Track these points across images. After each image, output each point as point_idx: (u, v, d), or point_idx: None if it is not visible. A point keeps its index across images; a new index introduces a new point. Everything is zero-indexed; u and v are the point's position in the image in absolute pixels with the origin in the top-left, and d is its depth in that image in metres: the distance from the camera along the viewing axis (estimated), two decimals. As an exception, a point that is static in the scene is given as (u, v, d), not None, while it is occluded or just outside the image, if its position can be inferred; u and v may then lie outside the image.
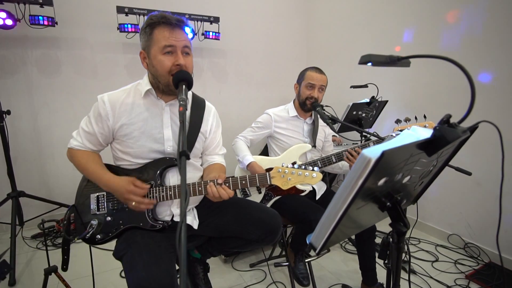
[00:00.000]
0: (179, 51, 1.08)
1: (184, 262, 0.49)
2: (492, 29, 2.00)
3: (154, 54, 1.08)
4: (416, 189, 0.87)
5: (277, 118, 1.81)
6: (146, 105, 1.17)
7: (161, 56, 1.07)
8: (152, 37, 1.08)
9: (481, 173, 2.12)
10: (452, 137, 0.58)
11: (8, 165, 2.35)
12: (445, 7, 2.24)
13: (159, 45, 1.06)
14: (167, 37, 1.05)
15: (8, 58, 2.49)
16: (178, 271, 1.10)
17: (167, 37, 1.05)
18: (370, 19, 2.89)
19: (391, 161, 0.58)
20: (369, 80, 2.52)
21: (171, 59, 1.07)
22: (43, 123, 2.70)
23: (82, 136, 1.20)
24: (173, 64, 1.07)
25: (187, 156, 0.69)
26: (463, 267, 2.07)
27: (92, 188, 1.20)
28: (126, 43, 2.83)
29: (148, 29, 1.08)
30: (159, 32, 1.06)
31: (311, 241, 0.70)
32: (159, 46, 1.06)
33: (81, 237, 1.14)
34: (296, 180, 1.12)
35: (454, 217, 2.37)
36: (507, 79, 1.95)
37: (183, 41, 1.08)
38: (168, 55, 1.07)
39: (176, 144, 1.19)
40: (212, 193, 1.08)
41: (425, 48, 2.41)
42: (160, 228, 1.15)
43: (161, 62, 1.07)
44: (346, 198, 0.59)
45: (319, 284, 1.85)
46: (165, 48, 1.06)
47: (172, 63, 1.07)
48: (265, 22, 3.50)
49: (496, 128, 0.68)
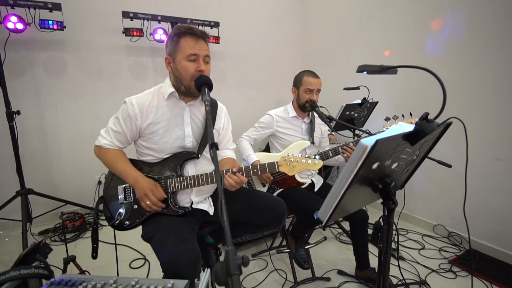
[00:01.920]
0: (201, 60, 1.23)
1: (228, 229, 0.63)
2: (473, 36, 2.20)
3: (179, 60, 1.23)
4: (403, 175, 1.04)
5: (278, 119, 1.97)
6: (169, 106, 1.32)
7: (186, 62, 1.22)
8: (178, 45, 1.23)
9: (463, 168, 2.32)
10: (429, 130, 0.75)
11: (17, 163, 2.45)
12: (430, 16, 2.45)
13: (184, 53, 1.21)
14: (192, 47, 1.21)
15: (17, 60, 2.58)
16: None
17: (192, 46, 1.21)
18: (362, 25, 3.08)
19: (382, 149, 0.74)
20: (361, 82, 2.71)
21: (194, 65, 1.22)
22: (49, 123, 2.79)
23: (111, 135, 1.33)
24: (195, 70, 1.22)
25: (217, 147, 0.84)
26: (446, 253, 2.26)
27: (118, 181, 1.34)
28: (130, 46, 2.95)
29: (176, 38, 1.23)
30: (185, 41, 1.22)
31: (318, 216, 0.86)
32: (185, 53, 1.21)
33: (110, 224, 1.27)
34: (300, 167, 1.26)
35: (439, 209, 2.57)
36: (487, 83, 2.16)
37: (205, 51, 1.25)
38: (192, 62, 1.23)
39: (195, 140, 1.35)
40: (229, 183, 1.22)
41: (412, 52, 2.61)
42: (182, 213, 1.29)
43: (186, 68, 1.22)
44: (347, 178, 0.75)
45: (317, 270, 2.02)
46: (189, 56, 1.21)
47: (194, 69, 1.22)
48: (263, 26, 3.66)
49: (461, 122, 0.85)
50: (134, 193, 1.31)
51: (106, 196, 1.34)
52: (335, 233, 2.60)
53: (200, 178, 1.28)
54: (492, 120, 2.14)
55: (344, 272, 2.01)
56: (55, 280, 0.75)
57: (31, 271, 0.73)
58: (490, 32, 2.10)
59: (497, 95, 2.09)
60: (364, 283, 1.90)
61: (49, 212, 2.81)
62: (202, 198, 1.41)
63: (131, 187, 1.32)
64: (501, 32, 2.04)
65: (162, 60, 3.14)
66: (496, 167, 2.14)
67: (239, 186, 1.24)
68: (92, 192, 3.02)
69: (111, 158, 1.31)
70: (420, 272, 2.02)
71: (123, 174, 1.29)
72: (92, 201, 3.00)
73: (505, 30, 2.01)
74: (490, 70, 2.12)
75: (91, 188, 3.02)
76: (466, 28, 2.23)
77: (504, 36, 2.02)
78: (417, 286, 1.89)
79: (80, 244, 2.50)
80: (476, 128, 2.21)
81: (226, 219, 0.64)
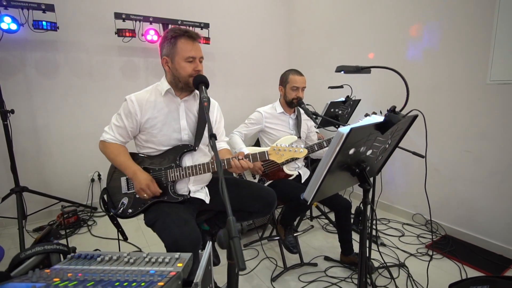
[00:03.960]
0: (198, 60, 1.38)
1: (229, 206, 0.76)
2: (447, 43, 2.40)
3: (178, 61, 1.36)
4: (378, 162, 1.18)
5: (267, 115, 2.10)
6: (166, 101, 1.44)
7: (184, 63, 1.36)
8: (176, 47, 1.35)
9: (438, 160, 2.52)
10: (395, 120, 0.89)
11: (11, 162, 2.48)
12: (409, 21, 2.63)
13: (183, 55, 1.35)
14: (189, 49, 1.34)
15: (9, 60, 2.61)
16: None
17: (189, 49, 1.34)
18: (345, 27, 3.25)
19: (356, 136, 0.88)
20: (344, 81, 2.87)
21: (192, 65, 1.36)
22: (41, 122, 2.82)
23: (114, 130, 1.43)
24: (193, 69, 1.36)
25: (215, 137, 0.96)
26: (424, 239, 2.45)
27: (120, 173, 1.45)
28: (121, 46, 3.01)
29: (173, 40, 1.35)
30: (182, 44, 1.34)
31: (304, 196, 0.99)
32: (183, 55, 1.35)
33: (114, 212, 1.37)
34: (287, 155, 1.39)
35: (417, 199, 2.76)
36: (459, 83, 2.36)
37: (200, 52, 1.39)
38: (190, 63, 1.36)
39: (190, 132, 1.48)
40: (235, 165, 1.34)
41: (394, 52, 2.79)
42: (181, 200, 1.41)
43: (184, 68, 1.36)
44: (328, 161, 0.88)
45: (305, 257, 2.16)
46: (188, 58, 1.35)
47: (192, 69, 1.36)
48: (250, 28, 3.79)
49: (422, 114, 1.00)
50: None
51: (109, 187, 1.45)
52: (322, 224, 2.76)
53: (197, 168, 1.40)
54: (461, 116, 2.34)
55: (330, 258, 2.16)
56: (74, 255, 0.85)
57: (53, 247, 0.83)
58: (462, 37, 2.30)
59: (467, 93, 2.29)
60: (349, 267, 2.05)
61: (42, 209, 2.85)
62: (199, 187, 1.53)
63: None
64: (469, 36, 2.24)
65: (153, 60, 3.21)
66: (466, 158, 2.35)
67: (243, 170, 1.37)
68: (85, 189, 3.06)
69: (113, 152, 1.40)
70: (400, 256, 2.19)
71: (123, 167, 1.39)
72: (85, 198, 3.05)
73: (472, 34, 2.21)
74: (462, 70, 2.32)
75: (84, 186, 3.06)
76: (443, 35, 2.41)
77: (472, 37, 2.22)
78: (397, 268, 2.06)
79: (75, 239, 2.56)
80: (447, 123, 2.41)
81: (226, 195, 0.77)
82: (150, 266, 0.80)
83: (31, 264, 0.78)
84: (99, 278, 0.67)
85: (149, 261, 0.82)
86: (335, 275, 1.99)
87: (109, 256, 0.84)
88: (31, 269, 0.73)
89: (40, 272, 0.71)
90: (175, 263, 0.81)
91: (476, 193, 2.32)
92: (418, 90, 2.58)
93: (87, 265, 0.79)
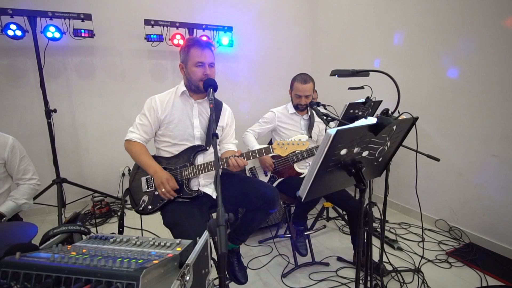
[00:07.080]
0: (207, 65, 1.51)
1: (220, 196, 0.84)
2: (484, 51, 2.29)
3: (190, 66, 1.52)
4: (379, 163, 1.20)
5: (280, 115, 2.17)
6: (182, 101, 1.62)
7: (195, 68, 1.51)
8: (188, 55, 1.51)
9: (463, 164, 2.41)
10: (386, 122, 0.91)
11: (53, 155, 2.78)
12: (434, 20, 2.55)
13: (193, 61, 1.50)
14: (199, 56, 1.49)
15: (53, 65, 2.92)
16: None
17: (199, 55, 1.49)
18: (368, 27, 3.20)
19: (346, 137, 0.92)
20: (365, 82, 2.83)
21: (201, 70, 1.51)
22: (80, 120, 3.12)
23: (139, 129, 1.60)
24: (202, 73, 1.50)
25: (217, 136, 1.06)
26: (445, 246, 2.36)
27: (141, 173, 1.62)
28: (151, 50, 3.23)
29: (187, 49, 1.52)
30: (194, 51, 1.50)
31: (299, 194, 1.05)
32: (194, 61, 1.50)
33: (136, 209, 1.56)
34: (290, 148, 1.47)
35: (440, 204, 2.66)
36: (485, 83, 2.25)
37: (210, 58, 1.53)
38: (199, 67, 1.50)
39: (202, 130, 1.62)
40: (232, 163, 1.46)
41: (417, 50, 2.71)
42: (194, 196, 1.55)
43: (195, 72, 1.51)
44: (318, 160, 0.93)
45: (318, 256, 2.19)
46: (197, 63, 1.50)
47: (202, 73, 1.50)
48: (273, 30, 3.86)
49: (412, 116, 1.00)
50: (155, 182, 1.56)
51: (132, 187, 1.63)
52: (339, 225, 2.75)
53: (208, 165, 1.54)
54: (487, 118, 2.22)
55: (343, 259, 2.17)
56: (92, 235, 0.99)
57: (75, 227, 0.97)
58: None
59: (490, 95, 2.18)
60: (361, 269, 2.04)
61: (79, 199, 3.14)
62: (208, 182, 1.67)
63: (151, 177, 1.59)
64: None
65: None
66: (492, 162, 2.23)
67: (240, 168, 1.48)
68: (116, 183, 3.33)
69: (138, 151, 1.57)
70: (417, 262, 2.13)
71: (146, 165, 1.54)
72: (116, 191, 3.31)
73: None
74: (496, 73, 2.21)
75: (115, 179, 3.33)
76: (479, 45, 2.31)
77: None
78: (411, 273, 2.01)
79: (106, 228, 2.80)
80: (470, 125, 2.31)
81: (219, 188, 0.85)
82: (154, 248, 0.91)
83: (57, 240, 0.93)
84: (107, 254, 0.78)
85: (153, 245, 0.93)
86: (346, 275, 2.00)
87: (120, 238, 0.97)
88: (56, 244, 0.86)
89: (62, 247, 0.85)
90: (175, 247, 0.91)
91: (503, 200, 2.19)
92: (443, 91, 2.48)
93: (101, 244, 0.92)
